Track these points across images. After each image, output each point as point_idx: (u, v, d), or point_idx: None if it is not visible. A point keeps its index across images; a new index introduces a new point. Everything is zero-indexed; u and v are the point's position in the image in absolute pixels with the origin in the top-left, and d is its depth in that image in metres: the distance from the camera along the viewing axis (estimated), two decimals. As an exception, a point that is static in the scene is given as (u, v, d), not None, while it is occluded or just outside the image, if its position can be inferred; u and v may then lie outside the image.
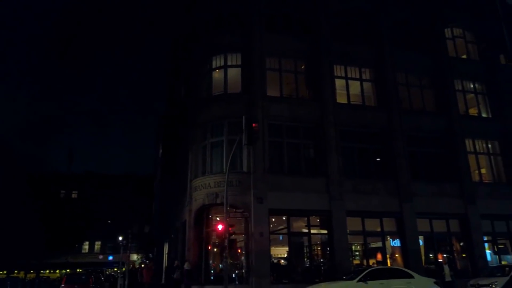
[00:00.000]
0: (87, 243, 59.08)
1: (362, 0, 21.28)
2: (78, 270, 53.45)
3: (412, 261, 16.92)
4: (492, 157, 21.00)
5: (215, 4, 20.13)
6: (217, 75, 18.72)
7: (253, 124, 13.12)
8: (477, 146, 20.83)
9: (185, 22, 23.73)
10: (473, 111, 21.98)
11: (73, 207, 56.32)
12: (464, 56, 23.15)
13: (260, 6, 19.34)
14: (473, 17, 23.26)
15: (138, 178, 61.48)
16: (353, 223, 17.08)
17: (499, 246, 19.45)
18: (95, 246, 59.84)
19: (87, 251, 59.47)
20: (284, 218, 17.10)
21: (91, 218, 55.36)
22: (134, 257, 54.80)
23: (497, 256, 19.15)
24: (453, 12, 22.89)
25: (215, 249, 16.94)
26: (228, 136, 17.02)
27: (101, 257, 55.85)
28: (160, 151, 39.66)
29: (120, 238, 34.92)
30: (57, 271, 56.44)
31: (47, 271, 54.21)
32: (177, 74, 28.32)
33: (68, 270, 54.30)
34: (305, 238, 17.01)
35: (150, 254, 42.55)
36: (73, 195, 58.79)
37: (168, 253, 26.83)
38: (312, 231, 17.01)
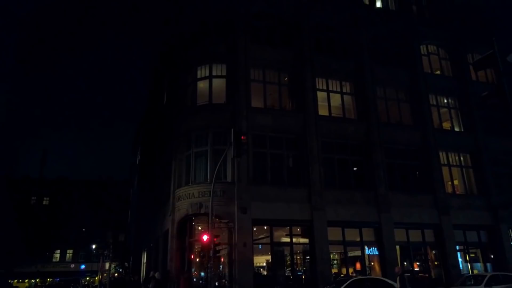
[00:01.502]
0: (58, 251, 57.22)
1: (343, 16, 21.99)
2: (48, 279, 51.64)
3: (389, 270, 17.35)
4: (464, 169, 22.00)
5: (201, 15, 20.29)
6: (202, 85, 18.85)
7: (242, 137, 13.33)
8: (450, 159, 21.76)
9: (170, 31, 23.74)
10: (446, 125, 22.97)
11: (44, 214, 54.58)
12: (438, 72, 24.21)
13: (245, 18, 19.65)
14: (445, 34, 24.40)
15: (114, 185, 60.27)
16: (333, 233, 17.48)
17: (471, 255, 20.34)
18: (67, 254, 57.98)
19: (58, 259, 57.52)
20: (266, 228, 17.30)
21: (63, 225, 53.73)
22: (107, 266, 53.51)
23: (468, 264, 20.01)
24: (427, 30, 23.94)
25: (197, 259, 16.93)
26: (213, 146, 17.16)
27: (73, 266, 54.29)
28: (138, 158, 39.15)
29: (94, 246, 34.15)
30: (26, 280, 54.32)
31: (15, 280, 52.05)
32: (159, 81, 28.20)
33: (38, 280, 52.42)
34: (287, 248, 17.25)
35: (126, 263, 41.74)
36: (45, 202, 56.88)
37: (146, 263, 26.47)
38: (294, 241, 17.28)
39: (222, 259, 16.98)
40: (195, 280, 16.91)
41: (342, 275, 17.18)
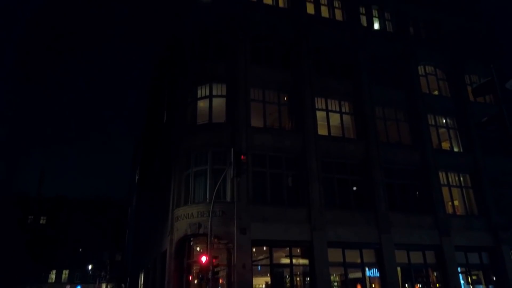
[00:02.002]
0: (54, 271, 56.25)
1: (341, 36, 22.36)
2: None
3: (391, 293, 17.17)
4: (464, 190, 21.92)
5: (201, 35, 20.60)
6: (202, 104, 18.96)
7: (242, 157, 13.33)
8: (450, 179, 21.72)
9: (170, 50, 24.07)
10: (445, 145, 23.03)
11: (41, 234, 53.98)
12: (436, 93, 24.45)
13: (245, 39, 19.95)
14: (442, 56, 24.75)
15: (112, 204, 59.83)
16: (334, 254, 17.25)
17: (473, 277, 20.05)
18: (63, 275, 56.96)
19: (53, 280, 56.48)
20: (265, 249, 17.09)
21: (59, 245, 53.06)
22: (103, 287, 52.55)
23: (470, 286, 19.69)
24: (424, 51, 24.32)
25: (195, 281, 16.63)
26: (212, 166, 17.13)
27: (68, 286, 53.29)
28: (137, 177, 38.99)
29: (90, 267, 33.62)
30: (20, 302, 53.18)
31: (9, 301, 50.96)
32: (159, 99, 28.37)
33: (32, 301, 51.48)
34: (287, 269, 16.99)
35: (123, 285, 40.99)
36: (42, 221, 56.27)
37: (143, 284, 26.01)
38: (294, 262, 17.04)
39: (220, 281, 16.67)
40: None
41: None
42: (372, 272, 18.10)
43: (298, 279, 17.63)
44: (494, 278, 20.12)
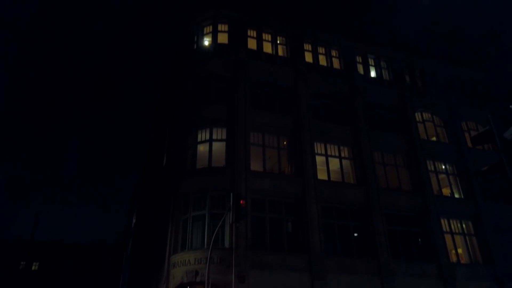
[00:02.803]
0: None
1: (339, 84, 22.95)
2: None
3: None
4: (467, 237, 21.48)
5: (203, 80, 21.10)
6: (202, 148, 19.04)
7: (241, 201, 13.17)
8: (452, 226, 21.34)
9: (171, 94, 24.54)
10: (446, 191, 22.87)
11: (33, 280, 52.05)
12: (434, 139, 24.68)
13: (246, 84, 20.43)
14: (439, 103, 25.25)
15: (107, 249, 58.19)
16: (336, 305, 16.57)
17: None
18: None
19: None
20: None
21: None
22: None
23: None
24: (420, 99, 24.85)
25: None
26: (211, 210, 16.88)
27: None
28: (134, 220, 38.27)
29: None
30: None
31: None
32: (158, 143, 28.50)
33: None
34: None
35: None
36: (34, 267, 54.39)
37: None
38: (294, 313, 16.30)
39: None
40: None
41: None
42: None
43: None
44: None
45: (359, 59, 25.15)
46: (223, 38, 22.31)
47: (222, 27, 22.63)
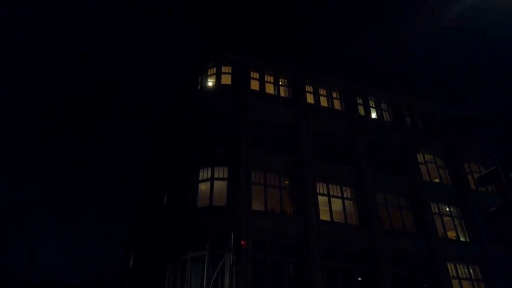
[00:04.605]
0: None
1: (340, 124, 23.14)
2: None
3: None
4: (475, 283, 20.73)
5: (204, 120, 21.32)
6: (204, 186, 18.88)
7: (242, 242, 12.84)
8: (459, 271, 20.68)
9: (171, 133, 24.69)
10: (451, 234, 22.37)
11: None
12: (437, 180, 24.48)
13: (247, 124, 20.62)
14: (440, 145, 25.31)
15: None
16: None
17: None
18: None
19: None
20: None
21: None
22: None
23: None
24: (421, 141, 24.89)
25: None
26: (211, 251, 16.45)
27: None
28: (131, 262, 37.24)
29: None
30: None
31: None
32: (157, 182, 28.29)
33: None
34: None
35: None
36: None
37: None
38: None
39: None
40: None
41: None
42: None
43: None
44: None
45: (359, 100, 25.54)
46: (226, 79, 22.83)
47: (225, 69, 23.23)
